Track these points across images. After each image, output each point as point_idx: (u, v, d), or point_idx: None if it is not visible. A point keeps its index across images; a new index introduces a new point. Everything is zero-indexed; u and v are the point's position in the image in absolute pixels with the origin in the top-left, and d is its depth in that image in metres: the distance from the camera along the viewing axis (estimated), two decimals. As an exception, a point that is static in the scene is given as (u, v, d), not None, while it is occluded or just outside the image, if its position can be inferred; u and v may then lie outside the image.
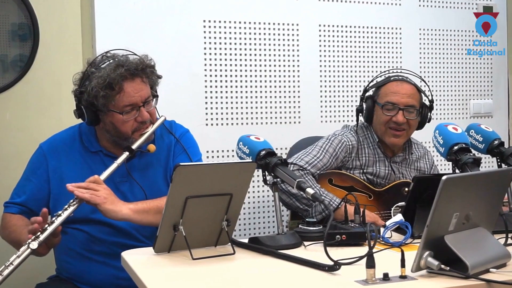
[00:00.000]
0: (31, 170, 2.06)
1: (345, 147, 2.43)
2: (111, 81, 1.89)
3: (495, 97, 3.66)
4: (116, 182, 1.99)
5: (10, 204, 2.04)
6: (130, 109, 1.95)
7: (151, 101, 2.00)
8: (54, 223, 1.79)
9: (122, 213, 1.84)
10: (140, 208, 1.89)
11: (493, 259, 1.48)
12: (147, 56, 2.02)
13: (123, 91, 1.92)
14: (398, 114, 2.40)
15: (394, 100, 2.42)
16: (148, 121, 1.99)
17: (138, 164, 2.04)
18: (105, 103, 1.92)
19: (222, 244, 1.77)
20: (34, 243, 1.74)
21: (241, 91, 3.05)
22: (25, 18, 2.68)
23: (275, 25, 3.11)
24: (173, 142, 2.10)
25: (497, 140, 2.14)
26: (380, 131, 2.46)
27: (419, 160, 2.58)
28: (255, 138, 1.97)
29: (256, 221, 3.09)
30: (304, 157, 2.37)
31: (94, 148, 2.05)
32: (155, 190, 2.01)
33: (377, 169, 2.45)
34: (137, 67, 1.95)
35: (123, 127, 1.96)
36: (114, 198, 1.86)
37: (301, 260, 1.59)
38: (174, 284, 1.47)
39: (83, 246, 1.98)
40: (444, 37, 3.50)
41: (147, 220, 1.89)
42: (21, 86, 2.68)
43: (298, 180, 1.78)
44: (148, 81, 2.00)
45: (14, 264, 1.71)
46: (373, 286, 1.36)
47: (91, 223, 1.97)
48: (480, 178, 1.57)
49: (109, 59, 1.96)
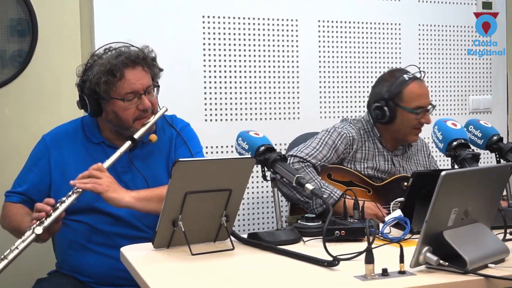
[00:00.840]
0: (33, 160, 2.07)
1: (345, 138, 2.42)
2: (112, 67, 1.92)
3: (494, 93, 3.66)
4: (118, 172, 2.00)
5: (11, 193, 2.06)
6: (132, 97, 1.96)
7: (152, 90, 2.02)
8: (58, 209, 1.82)
9: (124, 200, 1.86)
10: (142, 196, 1.90)
11: (491, 254, 1.49)
12: (148, 47, 2.05)
13: (124, 78, 1.95)
14: (425, 115, 2.43)
15: (423, 104, 2.42)
16: (150, 110, 2.01)
17: (140, 154, 2.05)
18: (106, 90, 1.94)
19: (221, 239, 1.77)
20: (39, 228, 1.77)
21: (240, 87, 3.04)
22: (24, 13, 2.68)
23: (274, 21, 3.10)
24: (174, 135, 2.12)
25: (496, 136, 2.14)
26: (406, 132, 2.45)
27: (417, 153, 2.60)
28: (254, 133, 1.97)
29: (255, 217, 3.09)
30: (304, 149, 2.38)
31: (97, 139, 2.06)
32: (157, 179, 2.02)
33: (377, 163, 2.45)
34: (138, 56, 1.98)
35: (125, 115, 1.97)
36: (117, 186, 1.88)
37: (300, 255, 1.59)
38: (173, 279, 1.48)
39: (84, 237, 1.99)
40: (443, 33, 3.50)
41: (150, 207, 1.90)
42: (20, 82, 2.68)
43: (297, 175, 1.78)
44: (150, 71, 2.03)
45: (20, 248, 1.75)
46: (372, 282, 1.37)
47: (93, 213, 1.98)
48: (479, 174, 1.58)
49: (111, 50, 2.00)
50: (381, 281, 1.37)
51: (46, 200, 1.85)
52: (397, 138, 2.49)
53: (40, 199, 2.00)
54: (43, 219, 1.79)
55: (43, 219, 1.79)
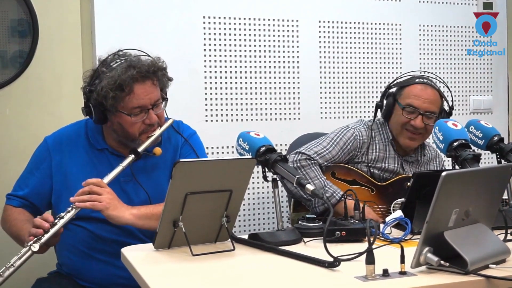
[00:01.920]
0: (35, 163, 2.05)
1: (356, 141, 2.42)
2: (121, 82, 1.88)
3: (494, 93, 3.66)
4: (120, 181, 1.98)
5: (12, 196, 2.05)
6: (139, 111, 1.93)
7: (160, 104, 1.99)
8: (56, 226, 1.80)
9: (125, 218, 1.85)
10: (143, 213, 1.88)
11: (492, 255, 1.49)
12: (159, 58, 2.00)
13: (133, 93, 1.91)
14: (417, 118, 2.40)
15: (415, 104, 2.40)
16: (156, 124, 1.98)
17: (144, 165, 2.02)
18: (114, 104, 1.90)
19: (222, 240, 1.77)
20: (35, 245, 1.76)
21: (241, 87, 3.04)
22: (25, 14, 2.68)
23: (275, 21, 3.10)
24: (180, 143, 2.09)
25: (496, 136, 2.14)
26: (396, 130, 2.46)
27: (429, 162, 2.58)
28: (255, 134, 1.97)
29: (256, 218, 3.09)
30: (314, 147, 2.38)
31: (100, 146, 2.04)
32: (159, 192, 1.97)
33: (386, 165, 2.45)
34: (148, 69, 1.93)
35: (131, 129, 1.95)
36: (117, 203, 1.86)
37: (301, 256, 1.59)
38: (174, 280, 1.48)
39: (85, 243, 1.98)
40: (444, 33, 3.50)
41: (149, 225, 1.88)
42: (21, 82, 2.68)
43: (298, 176, 1.78)
44: (159, 83, 1.99)
45: (15, 265, 1.74)
46: (372, 282, 1.37)
47: (94, 220, 1.96)
48: (480, 174, 1.58)
49: (120, 59, 1.94)
50: (382, 282, 1.37)
51: (45, 217, 1.83)
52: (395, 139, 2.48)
53: (41, 204, 2.00)
54: (40, 236, 1.78)
55: (40, 236, 1.77)
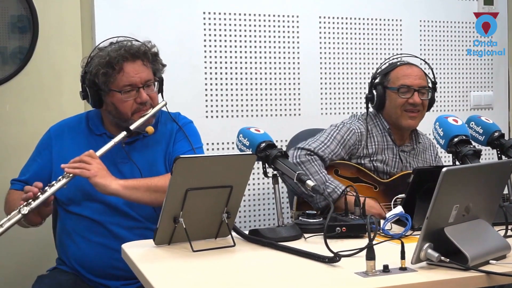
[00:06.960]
0: (38, 150, 2.15)
1: (354, 134, 2.43)
2: (111, 60, 1.97)
3: (495, 89, 3.65)
4: (117, 163, 2.05)
5: (15, 181, 2.14)
6: (130, 89, 2.01)
7: (152, 84, 2.06)
8: (47, 192, 1.88)
9: (111, 187, 1.89)
10: (130, 184, 1.93)
11: (493, 250, 1.49)
12: (150, 42, 2.09)
13: (123, 71, 1.99)
14: (414, 95, 2.42)
15: (408, 83, 2.43)
16: (148, 104, 2.05)
17: (139, 146, 2.09)
18: (105, 82, 1.99)
19: (222, 236, 1.77)
20: (25, 209, 1.83)
21: (241, 83, 3.04)
22: (24, 10, 2.67)
23: (275, 17, 3.10)
24: (175, 130, 2.15)
25: (497, 132, 2.14)
26: (396, 115, 2.45)
27: (425, 152, 2.59)
28: (255, 130, 1.97)
29: (256, 213, 3.09)
30: (312, 143, 2.38)
31: (99, 131, 2.11)
32: (153, 171, 2.05)
33: (386, 156, 2.45)
34: (139, 49, 2.02)
35: (123, 107, 2.01)
36: (105, 173, 1.92)
37: (301, 252, 1.60)
38: (174, 276, 1.48)
39: (83, 228, 2.03)
40: (444, 29, 3.49)
41: (136, 196, 1.93)
42: (21, 78, 2.67)
43: (298, 172, 1.78)
44: (151, 66, 2.06)
45: (4, 226, 1.81)
46: (373, 278, 1.37)
47: (90, 203, 2.02)
48: (480, 170, 1.58)
49: (114, 44, 2.05)
50: (382, 278, 1.37)
51: (35, 183, 1.90)
52: (396, 125, 2.48)
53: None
54: (30, 200, 1.84)
55: (30, 201, 1.84)
